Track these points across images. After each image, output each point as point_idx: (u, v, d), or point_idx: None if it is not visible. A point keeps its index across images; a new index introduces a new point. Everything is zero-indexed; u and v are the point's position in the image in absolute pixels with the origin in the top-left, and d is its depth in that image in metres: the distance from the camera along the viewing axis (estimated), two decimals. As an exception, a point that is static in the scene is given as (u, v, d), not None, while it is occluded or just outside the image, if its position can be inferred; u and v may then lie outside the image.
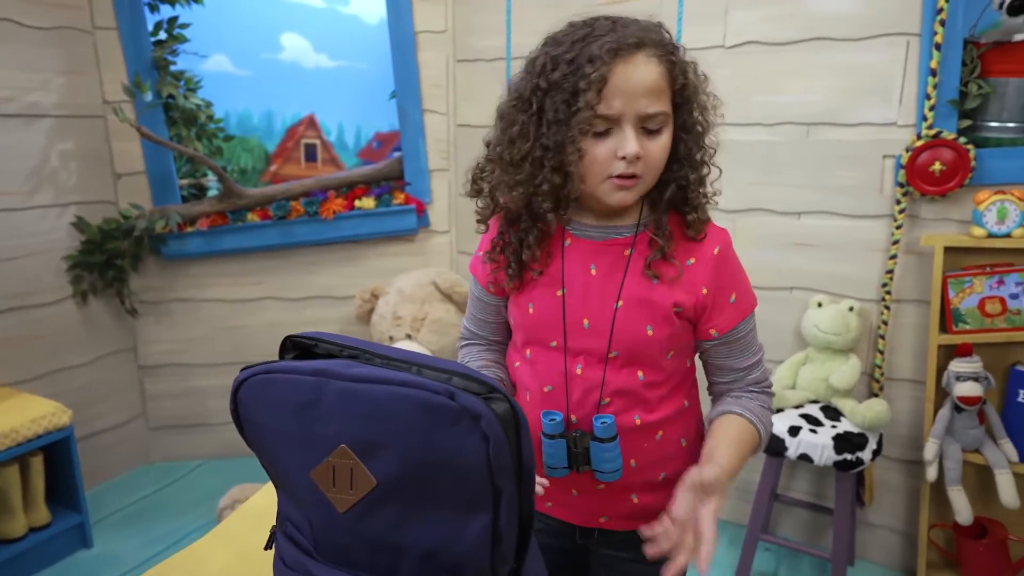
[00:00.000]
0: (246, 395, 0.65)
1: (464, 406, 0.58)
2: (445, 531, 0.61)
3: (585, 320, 0.89)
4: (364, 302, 2.34)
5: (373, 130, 2.78)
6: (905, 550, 1.92)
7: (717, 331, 0.90)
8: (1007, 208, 1.57)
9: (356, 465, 0.60)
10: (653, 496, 0.94)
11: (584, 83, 0.79)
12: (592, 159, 0.83)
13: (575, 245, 0.91)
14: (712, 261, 0.89)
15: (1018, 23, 1.58)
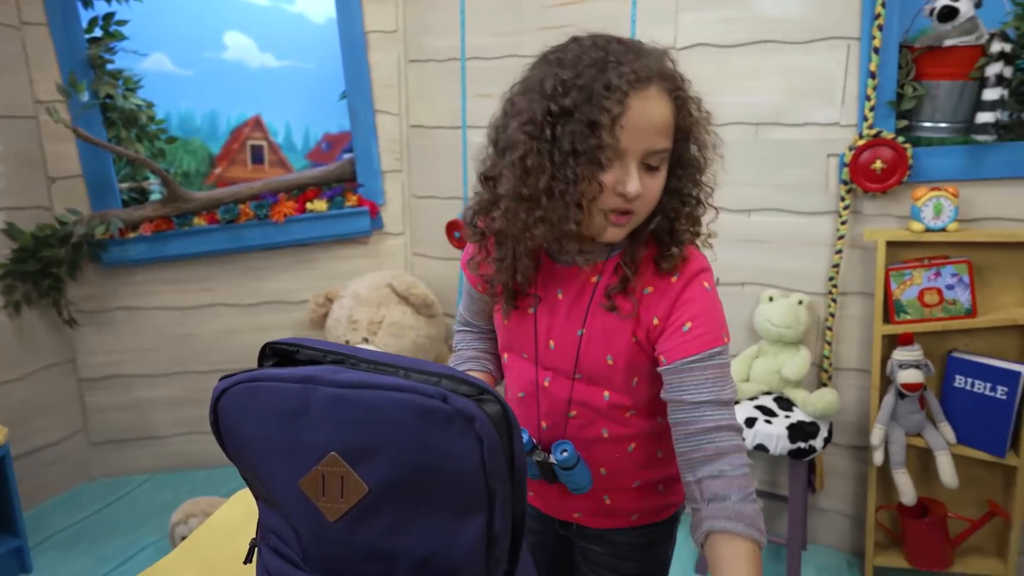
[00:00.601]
0: (228, 405, 0.63)
1: (458, 408, 0.58)
2: (439, 536, 0.60)
3: (551, 342, 0.89)
4: (318, 306, 2.30)
5: (322, 131, 2.73)
6: (854, 532, 2.01)
7: (666, 358, 0.83)
8: (942, 204, 1.66)
9: (347, 473, 0.59)
10: (626, 497, 0.94)
11: (605, 117, 0.75)
12: (597, 193, 0.78)
13: (548, 266, 0.89)
14: (670, 290, 0.84)
15: (947, 29, 1.67)
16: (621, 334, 0.86)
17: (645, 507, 0.96)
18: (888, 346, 1.78)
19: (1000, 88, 1.59)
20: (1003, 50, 1.59)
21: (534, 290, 0.90)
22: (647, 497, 0.96)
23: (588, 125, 0.75)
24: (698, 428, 0.80)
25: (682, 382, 0.82)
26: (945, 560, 1.80)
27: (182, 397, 2.45)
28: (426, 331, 2.23)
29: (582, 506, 0.96)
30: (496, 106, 0.87)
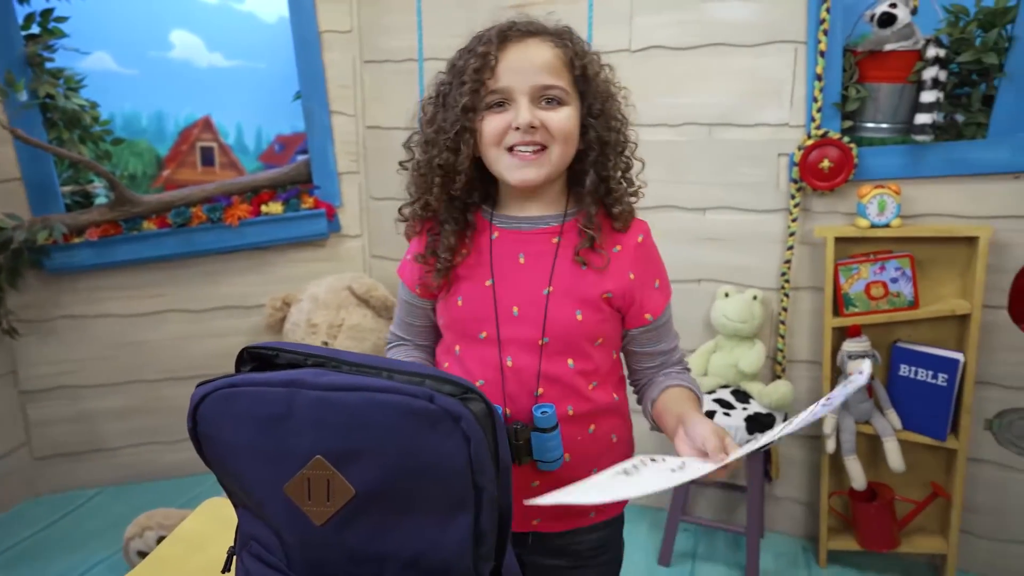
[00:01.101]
0: (208, 411, 0.62)
1: (444, 408, 0.58)
2: (427, 535, 0.61)
3: (515, 308, 0.90)
4: (275, 310, 2.25)
5: (275, 132, 2.68)
6: (808, 518, 2.08)
7: (651, 315, 0.94)
8: (886, 201, 1.74)
9: (333, 476, 0.59)
10: None
11: (473, 59, 0.85)
12: (488, 132, 0.86)
13: (503, 237, 0.93)
14: (637, 248, 0.94)
15: (887, 35, 1.75)
16: (591, 287, 0.90)
17: None
18: (838, 338, 1.85)
19: (936, 91, 1.68)
20: (938, 55, 1.67)
21: (486, 259, 0.92)
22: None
23: (463, 74, 0.86)
24: (670, 365, 0.98)
25: (658, 335, 0.97)
26: (893, 541, 1.88)
27: (132, 407, 2.37)
28: (387, 333, 2.21)
29: (544, 509, 0.93)
30: None
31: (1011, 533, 1.89)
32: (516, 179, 0.87)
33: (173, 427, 2.40)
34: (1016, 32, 1.65)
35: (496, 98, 0.86)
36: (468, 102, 0.85)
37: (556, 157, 0.87)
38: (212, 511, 1.07)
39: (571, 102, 0.87)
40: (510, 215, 0.94)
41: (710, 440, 0.75)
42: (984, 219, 1.74)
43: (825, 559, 1.97)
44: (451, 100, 0.87)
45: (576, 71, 0.87)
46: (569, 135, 0.87)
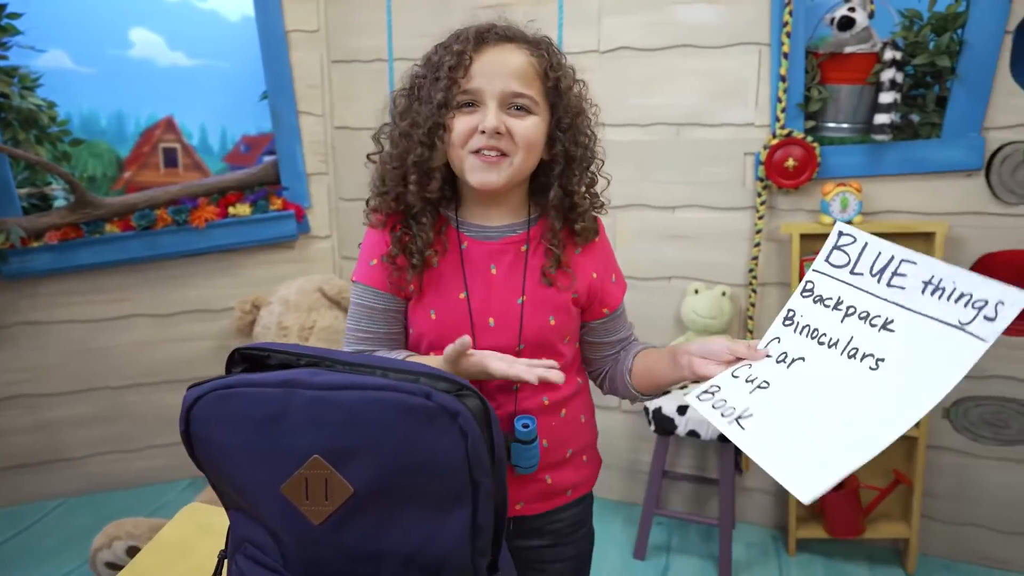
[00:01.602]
0: (201, 413, 0.61)
1: (441, 405, 0.59)
2: (425, 531, 0.61)
3: (491, 319, 0.91)
4: (244, 313, 2.22)
5: (240, 132, 2.64)
6: (777, 508, 2.13)
7: (609, 309, 0.98)
8: (848, 198, 1.80)
9: (331, 475, 0.59)
10: (562, 473, 0.98)
11: (449, 57, 0.85)
12: (456, 132, 0.86)
13: (472, 248, 0.92)
14: (596, 247, 0.97)
15: (846, 37, 1.81)
16: (561, 293, 0.93)
17: (576, 479, 1.00)
18: (804, 332, 1.90)
19: (894, 92, 1.74)
20: (895, 57, 1.73)
21: (459, 272, 0.91)
22: (577, 468, 1.01)
23: (437, 70, 0.86)
24: (630, 348, 1.00)
25: (615, 325, 1.00)
26: (859, 527, 1.94)
27: (96, 415, 2.31)
28: (359, 335, 2.20)
29: (525, 494, 0.95)
30: None
31: (968, 517, 1.97)
32: (477, 181, 0.87)
33: (139, 434, 2.35)
34: (966, 36, 1.72)
35: (466, 98, 0.86)
36: (443, 98, 0.85)
37: (517, 164, 0.87)
38: (192, 517, 1.06)
39: (539, 112, 0.87)
40: (476, 223, 0.93)
41: (737, 346, 0.81)
42: (940, 215, 1.81)
43: (794, 547, 2.03)
44: (425, 94, 0.87)
45: (549, 82, 0.87)
46: (532, 145, 0.87)
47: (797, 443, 0.66)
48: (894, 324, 0.70)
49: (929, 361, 0.65)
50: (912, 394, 0.64)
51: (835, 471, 0.62)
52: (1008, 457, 1.91)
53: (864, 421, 0.65)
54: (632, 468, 2.25)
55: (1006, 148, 1.75)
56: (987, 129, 1.75)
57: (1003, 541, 1.96)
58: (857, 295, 0.75)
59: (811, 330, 0.77)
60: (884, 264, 0.73)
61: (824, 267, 0.79)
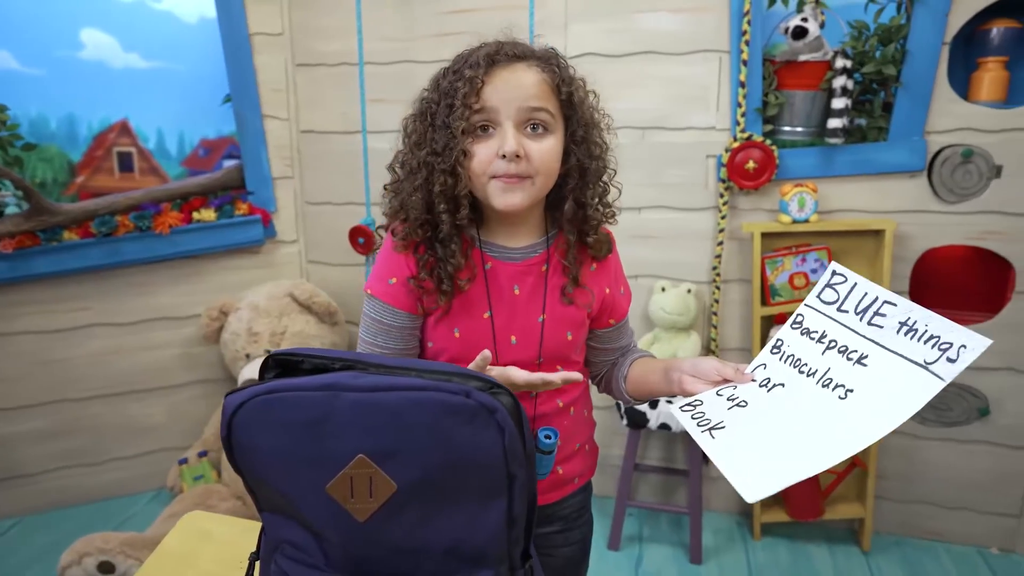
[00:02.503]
0: (244, 419, 0.63)
1: (481, 403, 0.62)
2: (464, 524, 0.64)
3: (513, 336, 0.94)
4: (212, 320, 2.19)
5: (198, 136, 2.59)
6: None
7: (615, 320, 1.02)
8: (805, 198, 1.90)
9: (375, 473, 0.62)
10: (572, 463, 1.03)
11: (461, 83, 0.85)
12: (476, 159, 0.86)
13: (496, 268, 0.94)
14: (609, 263, 1.00)
15: (800, 46, 1.91)
16: (577, 313, 0.97)
17: (581, 467, 1.06)
18: (766, 326, 2.00)
19: (845, 98, 1.85)
20: (845, 65, 1.84)
21: (483, 291, 0.93)
22: (583, 458, 1.06)
23: (452, 97, 0.85)
24: (628, 355, 1.04)
25: (619, 333, 1.04)
26: (819, 510, 2.05)
27: (55, 429, 2.23)
28: (330, 339, 2.20)
29: (541, 486, 0.98)
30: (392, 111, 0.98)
31: (917, 495, 2.11)
32: (502, 204, 0.87)
33: (102, 447, 2.28)
34: (909, 47, 1.84)
35: (482, 120, 0.86)
36: (461, 126, 0.85)
37: (539, 186, 0.89)
38: (192, 526, 1.06)
39: (556, 128, 0.88)
40: (499, 244, 0.94)
41: (725, 369, 0.83)
42: (888, 213, 1.93)
43: (759, 532, 2.12)
44: (440, 121, 0.87)
45: (562, 96, 0.88)
46: (551, 167, 0.89)
47: (755, 452, 0.71)
48: (868, 359, 0.75)
49: (891, 394, 0.71)
50: (868, 422, 0.69)
51: (780, 479, 0.66)
52: (950, 438, 2.05)
53: (820, 440, 0.70)
54: (603, 462, 2.29)
55: (946, 151, 1.88)
56: (928, 133, 1.88)
57: (946, 515, 2.10)
58: (840, 330, 0.79)
59: (795, 359, 0.81)
60: (868, 304, 0.78)
61: (815, 302, 0.83)
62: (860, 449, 0.67)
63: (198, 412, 2.36)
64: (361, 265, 2.30)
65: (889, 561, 2.04)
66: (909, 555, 2.06)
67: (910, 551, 2.08)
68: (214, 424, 2.30)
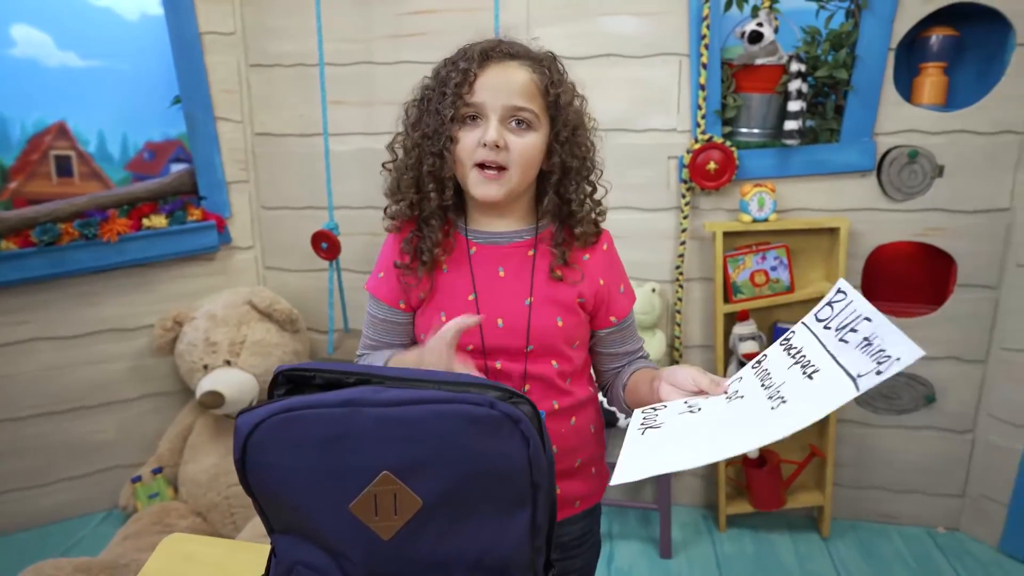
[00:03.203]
0: (262, 438, 0.60)
1: (505, 413, 0.61)
2: (490, 535, 0.63)
3: (499, 319, 0.95)
4: (165, 331, 2.10)
5: (143, 139, 2.48)
6: (707, 489, 2.28)
7: (616, 317, 1.02)
8: (764, 198, 1.95)
9: (400, 489, 0.60)
10: (572, 484, 1.02)
11: (455, 74, 0.89)
12: (461, 145, 0.91)
13: (481, 252, 0.97)
14: (604, 256, 1.02)
15: (755, 50, 1.96)
16: (567, 295, 0.97)
17: (584, 491, 1.04)
18: (728, 323, 2.05)
19: (800, 101, 1.91)
20: (800, 69, 1.90)
21: (467, 274, 0.95)
22: (585, 480, 1.05)
23: (445, 85, 0.90)
24: (634, 364, 1.03)
25: (623, 336, 1.04)
26: (781, 500, 2.12)
27: (-6, 451, 2.10)
28: (292, 347, 2.14)
29: None
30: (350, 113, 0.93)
31: (870, 480, 2.20)
32: (479, 194, 0.92)
33: (46, 467, 2.16)
34: (858, 51, 1.92)
35: (470, 111, 0.91)
36: (450, 112, 0.89)
37: (515, 178, 0.92)
38: (174, 549, 1.01)
39: (539, 127, 0.92)
40: (483, 230, 0.98)
41: (701, 378, 0.82)
42: (842, 212, 2.01)
43: (724, 524, 2.18)
44: (433, 107, 0.92)
45: (549, 98, 0.92)
46: (529, 162, 0.92)
47: (657, 446, 0.71)
48: (817, 374, 0.72)
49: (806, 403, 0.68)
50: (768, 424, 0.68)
51: (649, 469, 0.67)
52: (900, 425, 2.15)
53: (710, 439, 0.69)
54: (571, 462, 2.32)
55: (893, 151, 1.97)
56: (877, 134, 1.96)
57: (897, 499, 2.20)
58: (815, 347, 0.77)
59: (765, 373, 0.79)
60: (848, 320, 0.74)
61: (810, 320, 0.81)
62: (742, 451, 0.66)
63: (151, 427, 2.26)
64: (323, 271, 2.25)
65: (847, 545, 2.12)
66: (864, 539, 2.15)
67: (865, 535, 2.17)
68: (169, 439, 2.21)
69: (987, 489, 2.11)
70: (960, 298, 2.03)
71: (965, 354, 2.07)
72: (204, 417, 2.15)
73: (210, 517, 2.04)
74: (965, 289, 2.02)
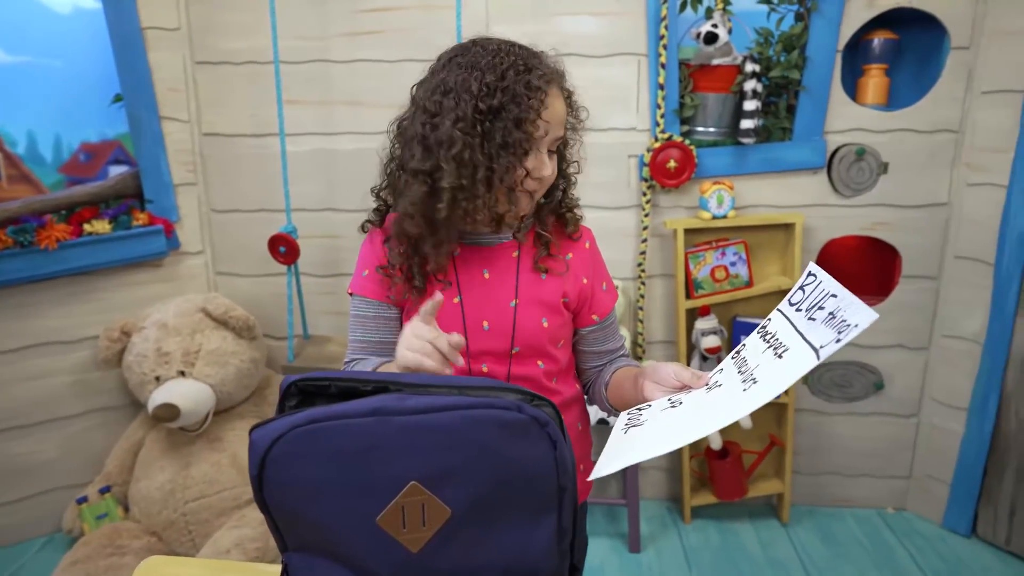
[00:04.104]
0: (283, 452, 0.57)
1: (532, 416, 0.61)
2: (519, 541, 0.62)
3: (485, 322, 0.94)
4: (112, 342, 1.99)
5: (78, 140, 2.35)
6: (671, 482, 2.32)
7: (598, 316, 1.02)
8: (723, 195, 2.00)
9: (428, 499, 0.59)
10: None
11: (531, 113, 0.85)
12: (516, 174, 0.89)
13: (465, 254, 0.96)
14: (587, 254, 1.02)
15: (711, 51, 2.01)
16: (552, 294, 0.97)
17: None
18: (690, 318, 2.09)
19: (756, 100, 1.96)
20: (755, 70, 1.96)
21: (452, 278, 0.94)
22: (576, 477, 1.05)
23: (515, 121, 0.85)
24: (616, 363, 1.04)
25: (604, 335, 1.04)
26: (743, 489, 2.17)
27: (-79, 476, 1.95)
28: (249, 355, 2.06)
29: None
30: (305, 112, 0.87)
31: (825, 466, 2.28)
32: (525, 208, 0.92)
33: (-20, 492, 2.02)
34: (809, 53, 1.99)
35: (529, 147, 0.87)
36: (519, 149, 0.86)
37: (539, 196, 0.94)
38: (154, 572, 0.96)
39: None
40: (468, 231, 0.96)
41: (683, 373, 0.83)
42: (796, 207, 2.08)
43: (689, 515, 2.22)
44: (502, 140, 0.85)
45: (568, 125, 0.94)
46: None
47: (631, 440, 0.71)
48: (787, 352, 0.74)
49: (772, 377, 0.70)
50: (737, 402, 0.69)
51: (621, 461, 0.67)
52: (853, 412, 2.24)
53: (677, 426, 0.70)
54: (537, 461, 2.32)
55: (842, 149, 2.05)
56: (827, 133, 2.04)
57: (850, 483, 2.30)
58: (787, 329, 0.77)
59: (743, 361, 0.80)
60: (816, 299, 0.75)
61: (784, 306, 0.82)
62: (706, 432, 0.67)
63: (96, 444, 2.14)
64: (277, 275, 2.18)
65: (805, 530, 2.20)
66: (821, 523, 2.23)
67: (822, 519, 2.25)
68: (117, 455, 2.09)
69: (931, 469, 2.22)
70: (904, 289, 2.13)
71: (910, 342, 2.17)
72: (155, 431, 2.05)
73: (166, 536, 1.95)
74: (909, 280, 2.12)
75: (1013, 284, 1.95)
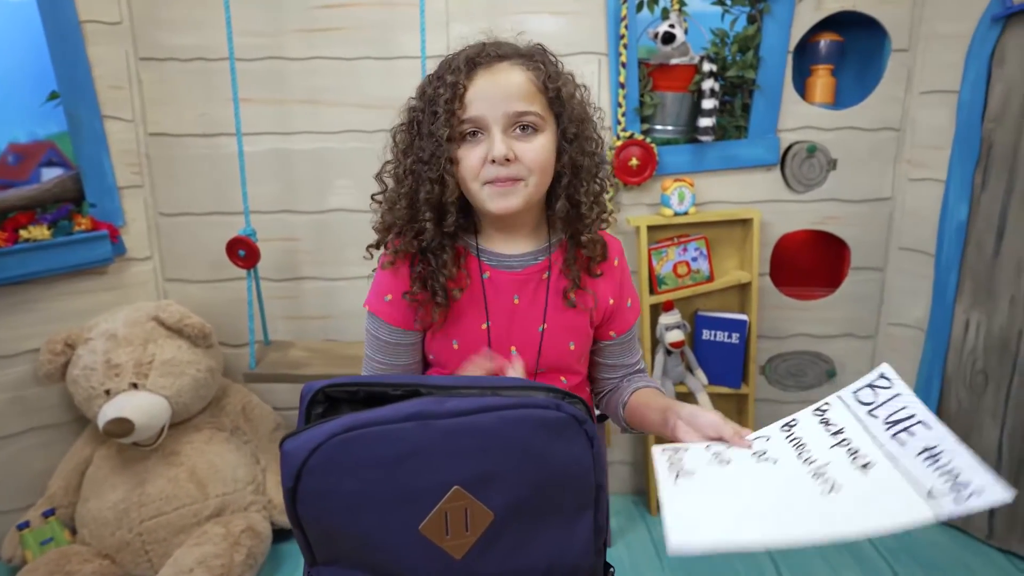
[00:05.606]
0: (321, 463, 0.55)
1: (571, 414, 0.60)
2: (559, 541, 0.62)
3: (512, 347, 0.91)
4: (55, 355, 1.86)
5: (5, 141, 2.20)
6: (635, 476, 2.35)
7: (616, 332, 0.99)
8: (684, 192, 2.04)
9: (471, 503, 0.57)
10: None
11: (443, 89, 0.83)
12: (464, 165, 0.84)
13: (495, 278, 0.91)
14: (616, 272, 0.98)
15: (668, 51, 2.04)
16: (581, 318, 0.94)
17: None
18: (654, 314, 2.12)
19: (713, 99, 2.01)
20: (712, 69, 2.00)
21: (481, 303, 0.90)
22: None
23: (434, 104, 0.84)
24: (633, 380, 1.01)
25: (623, 349, 1.02)
26: (707, 479, 2.22)
27: None
28: (206, 364, 1.97)
29: None
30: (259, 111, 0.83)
31: (782, 454, 2.36)
32: (497, 208, 0.85)
33: (-91, 523, 1.86)
34: (762, 53, 2.05)
35: (469, 127, 0.83)
36: (445, 132, 0.82)
37: (532, 187, 0.86)
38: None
39: (546, 128, 0.86)
40: (497, 251, 0.92)
41: (724, 428, 0.78)
42: (753, 203, 2.14)
43: (655, 508, 2.25)
44: (425, 129, 0.84)
45: (550, 93, 0.86)
46: (544, 166, 0.86)
47: (706, 506, 0.66)
48: (873, 469, 0.70)
49: (872, 506, 0.65)
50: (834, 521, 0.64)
51: (712, 541, 0.61)
52: (807, 400, 2.29)
53: (774, 519, 0.65)
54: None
55: (794, 147, 2.12)
56: (780, 131, 2.11)
57: (805, 469, 2.38)
58: (860, 433, 0.74)
59: (799, 442, 0.76)
60: (902, 418, 0.73)
61: (849, 398, 0.79)
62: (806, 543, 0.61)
63: (37, 465, 2.01)
64: (233, 280, 2.09)
65: (766, 516, 2.26)
66: (780, 508, 2.30)
67: (781, 504, 2.32)
68: (62, 476, 1.97)
69: (881, 452, 2.32)
70: (853, 280, 2.22)
71: (859, 331, 2.27)
72: (105, 447, 1.94)
73: (120, 558, 1.84)
74: (857, 272, 2.22)
75: (952, 273, 2.07)
